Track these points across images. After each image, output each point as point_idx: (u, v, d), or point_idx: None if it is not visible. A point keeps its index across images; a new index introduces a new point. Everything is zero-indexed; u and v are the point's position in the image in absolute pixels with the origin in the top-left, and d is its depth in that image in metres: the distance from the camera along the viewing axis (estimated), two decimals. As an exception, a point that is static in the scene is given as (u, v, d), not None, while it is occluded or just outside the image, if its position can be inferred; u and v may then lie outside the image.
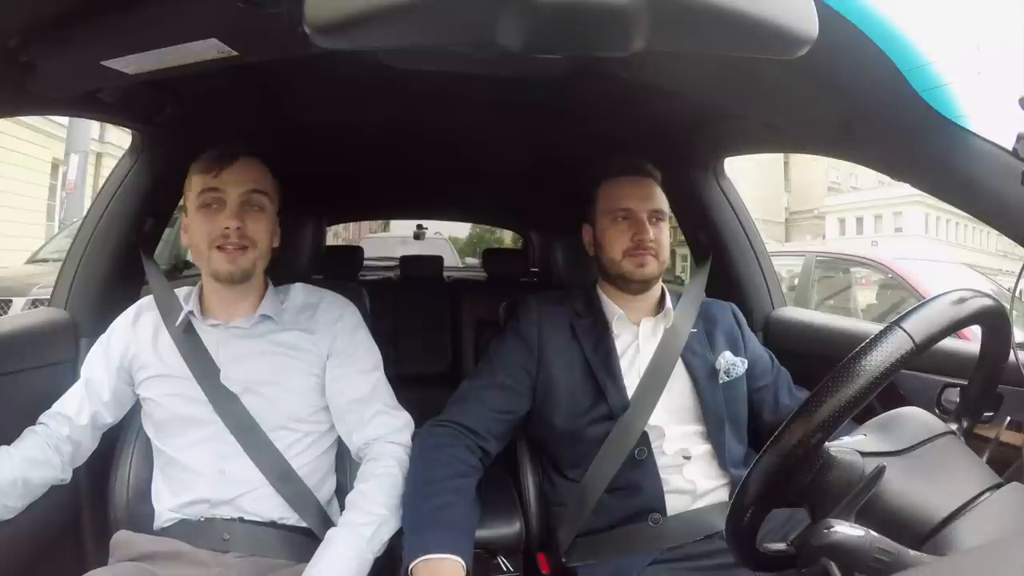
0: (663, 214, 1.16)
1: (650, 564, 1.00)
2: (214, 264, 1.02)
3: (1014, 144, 0.75)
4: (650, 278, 1.14)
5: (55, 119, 8.58)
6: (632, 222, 1.13)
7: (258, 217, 1.04)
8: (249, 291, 1.08)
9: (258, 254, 1.04)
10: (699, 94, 1.05)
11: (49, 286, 1.36)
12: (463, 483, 0.99)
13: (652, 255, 1.13)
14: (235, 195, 1.02)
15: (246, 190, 1.02)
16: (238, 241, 1.01)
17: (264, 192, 1.05)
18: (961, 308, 0.63)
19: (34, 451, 1.00)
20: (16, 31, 0.77)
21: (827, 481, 0.64)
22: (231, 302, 1.08)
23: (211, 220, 1.01)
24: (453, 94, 1.26)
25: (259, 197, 1.04)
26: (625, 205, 1.14)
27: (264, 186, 1.05)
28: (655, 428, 1.07)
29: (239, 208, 1.02)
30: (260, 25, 0.73)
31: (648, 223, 1.13)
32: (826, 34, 0.57)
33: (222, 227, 1.00)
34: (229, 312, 1.08)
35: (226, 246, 1.01)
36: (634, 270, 1.13)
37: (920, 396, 1.04)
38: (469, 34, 0.57)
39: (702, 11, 0.53)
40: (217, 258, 1.01)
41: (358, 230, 9.29)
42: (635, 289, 1.16)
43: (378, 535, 0.94)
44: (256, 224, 1.03)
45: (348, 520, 0.96)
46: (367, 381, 1.08)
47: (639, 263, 1.12)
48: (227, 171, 1.02)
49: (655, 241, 1.13)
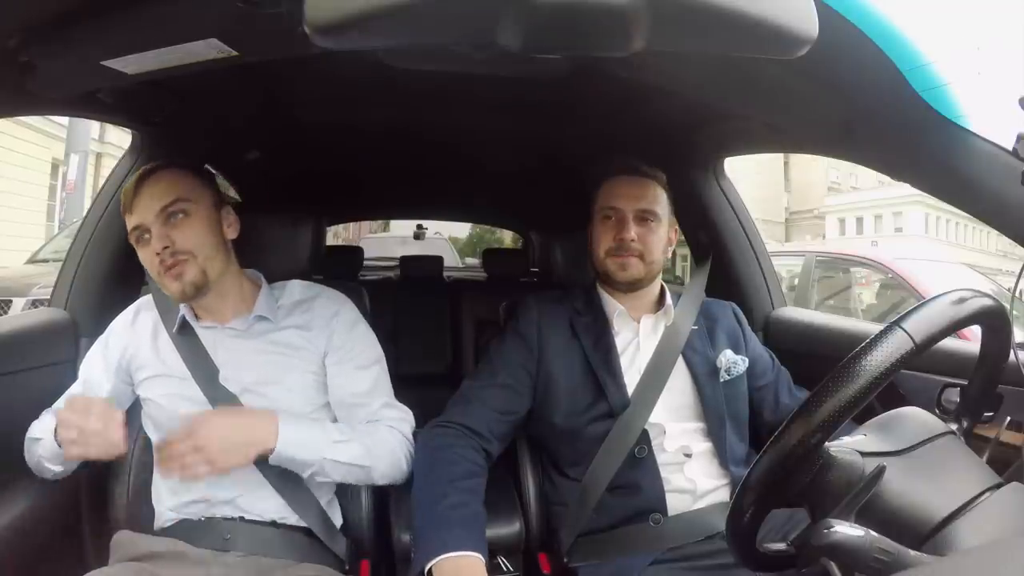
0: (652, 214, 1.13)
1: (651, 564, 1.00)
2: (169, 288, 1.02)
3: (1014, 144, 0.75)
4: (633, 280, 1.13)
5: (55, 119, 8.58)
6: (616, 221, 1.13)
7: (184, 224, 1.00)
8: (227, 292, 1.07)
9: (203, 259, 1.01)
10: (699, 94, 1.05)
11: (49, 286, 1.36)
12: (474, 483, 0.99)
13: (635, 256, 1.12)
14: (152, 220, 0.99)
15: (160, 207, 0.99)
16: (172, 259, 0.99)
17: (183, 199, 1.01)
18: (961, 308, 0.63)
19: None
20: (16, 31, 0.77)
21: (827, 481, 0.64)
22: (215, 307, 1.07)
23: (146, 251, 1.01)
24: (453, 94, 1.26)
25: (179, 205, 1.00)
26: (612, 204, 1.14)
27: (181, 192, 1.01)
28: (656, 426, 1.07)
29: (161, 228, 0.99)
30: (260, 25, 0.73)
31: (632, 222, 1.12)
32: (826, 34, 0.57)
33: (154, 255, 0.99)
34: (219, 314, 1.08)
35: (167, 269, 0.99)
36: (616, 271, 1.13)
37: (920, 396, 1.04)
38: (469, 34, 0.57)
39: (702, 11, 0.53)
40: (167, 282, 1.01)
41: (358, 230, 9.29)
42: (623, 288, 1.16)
43: (342, 448, 0.98)
44: (184, 233, 1.00)
45: (329, 424, 1.01)
46: (368, 375, 1.08)
47: (621, 264, 1.12)
48: (138, 199, 1.00)
49: (639, 241, 1.12)
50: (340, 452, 0.98)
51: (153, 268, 1.01)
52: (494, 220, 3.90)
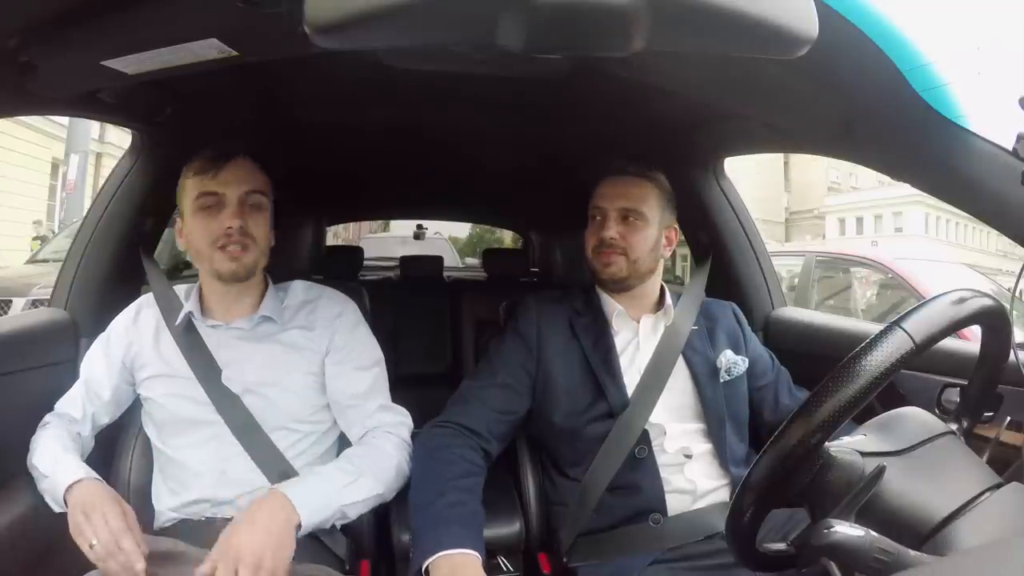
0: (635, 212, 1.12)
1: (650, 564, 1.00)
2: (217, 264, 1.02)
3: (1014, 144, 0.75)
4: (616, 278, 1.13)
5: (55, 119, 8.59)
6: (601, 220, 1.14)
7: (257, 216, 1.04)
8: (249, 289, 1.09)
9: (259, 252, 1.05)
10: (699, 94, 1.05)
11: (49, 286, 1.36)
12: (472, 482, 0.99)
13: (619, 254, 1.12)
14: (234, 196, 1.02)
15: (244, 190, 1.03)
16: (240, 239, 1.01)
17: (261, 192, 1.05)
18: (961, 308, 0.63)
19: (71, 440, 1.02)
20: (16, 31, 0.77)
21: (827, 481, 0.64)
22: (231, 301, 1.08)
23: (211, 221, 1.01)
24: (453, 94, 1.26)
25: (257, 197, 1.05)
26: (597, 203, 1.15)
27: (260, 186, 1.06)
28: (656, 426, 1.07)
29: (239, 208, 1.02)
30: (260, 25, 0.73)
31: (614, 221, 1.12)
32: (826, 34, 0.57)
33: (224, 227, 1.01)
34: (229, 312, 1.08)
35: (228, 245, 1.01)
36: (601, 269, 1.14)
37: (920, 396, 1.04)
38: (469, 34, 0.57)
39: (702, 11, 0.53)
40: (219, 258, 1.02)
41: (358, 230, 9.29)
42: (610, 287, 1.16)
43: (353, 489, 0.95)
44: (256, 223, 1.04)
45: (331, 465, 0.98)
46: (367, 376, 1.08)
47: (604, 263, 1.13)
48: (224, 172, 1.02)
49: (622, 239, 1.11)
50: (353, 494, 0.95)
51: (208, 239, 1.01)
52: (494, 220, 3.89)
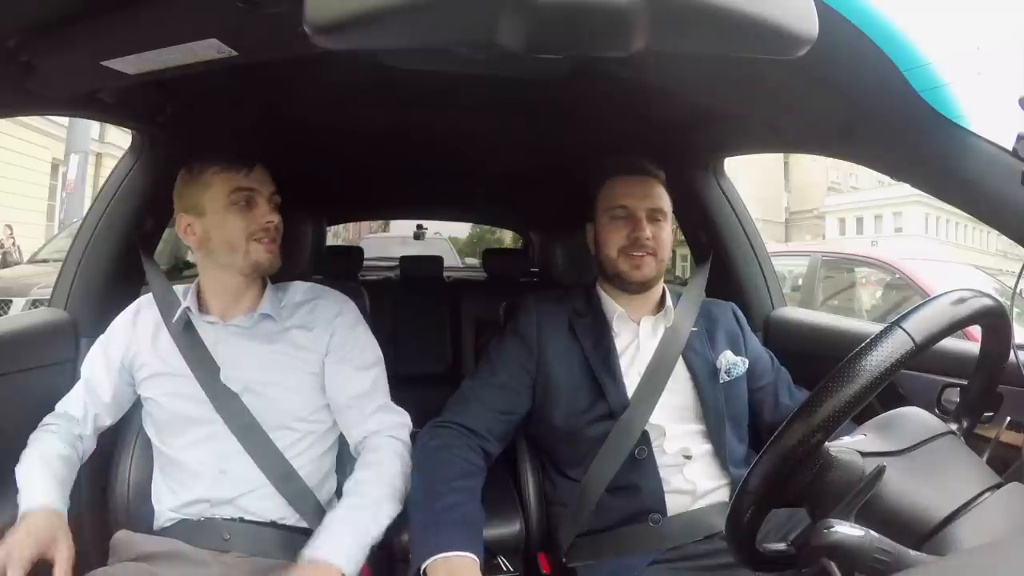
0: (663, 213, 1.14)
1: (650, 564, 1.00)
2: (255, 255, 1.05)
3: (1014, 144, 0.75)
4: (648, 279, 1.13)
5: (55, 119, 8.60)
6: (629, 220, 1.12)
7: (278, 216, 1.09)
8: (253, 286, 1.10)
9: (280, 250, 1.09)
10: (699, 94, 1.05)
11: (49, 286, 1.36)
12: (471, 483, 0.99)
13: (650, 255, 1.11)
14: (266, 193, 1.07)
15: (271, 191, 1.08)
16: (277, 235, 1.07)
17: (279, 194, 1.10)
18: (961, 308, 0.63)
19: (65, 450, 1.02)
20: (16, 31, 0.77)
21: (827, 481, 0.64)
22: (235, 298, 1.08)
23: (247, 215, 1.04)
24: (453, 94, 1.26)
25: (277, 197, 1.09)
26: (622, 203, 1.13)
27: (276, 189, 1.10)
28: (656, 427, 1.07)
29: (276, 208, 1.07)
30: (260, 25, 0.73)
31: (646, 221, 1.12)
32: (826, 34, 0.58)
33: (263, 221, 1.05)
34: (228, 310, 1.08)
35: (264, 239, 1.05)
36: (630, 271, 1.12)
37: (920, 396, 1.04)
38: (469, 35, 0.57)
39: (702, 11, 0.53)
40: (257, 249, 1.05)
41: (358, 230, 9.29)
42: (633, 289, 1.15)
43: (377, 520, 0.95)
44: (280, 222, 1.09)
45: (347, 504, 0.97)
46: (367, 377, 1.08)
47: (635, 264, 1.11)
48: (256, 171, 1.06)
49: (653, 240, 1.11)
50: (378, 525, 0.95)
51: (245, 232, 1.04)
52: (494, 220, 3.90)
